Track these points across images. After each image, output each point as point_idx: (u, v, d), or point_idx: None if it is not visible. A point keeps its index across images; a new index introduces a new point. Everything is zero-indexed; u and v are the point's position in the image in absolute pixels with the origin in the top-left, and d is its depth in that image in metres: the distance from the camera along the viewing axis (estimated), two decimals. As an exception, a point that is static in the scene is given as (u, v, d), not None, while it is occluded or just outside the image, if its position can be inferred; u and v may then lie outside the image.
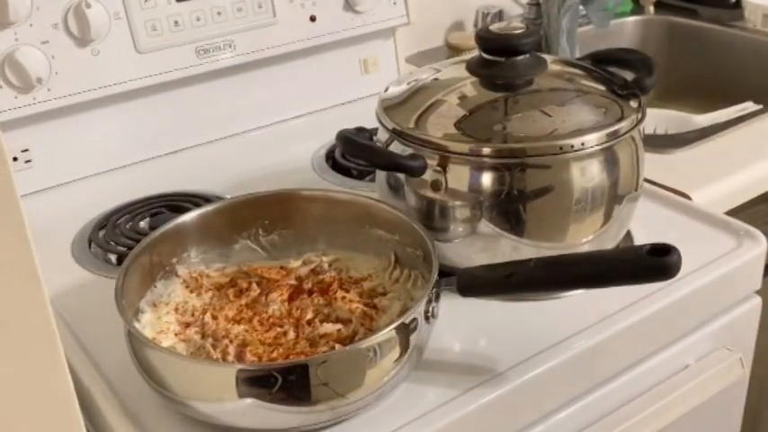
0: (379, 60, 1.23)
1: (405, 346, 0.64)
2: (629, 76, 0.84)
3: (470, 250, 0.77)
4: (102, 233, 0.92)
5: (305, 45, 1.13)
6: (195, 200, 0.96)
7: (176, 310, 0.73)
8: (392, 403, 0.66)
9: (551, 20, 1.30)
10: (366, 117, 0.86)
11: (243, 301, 0.74)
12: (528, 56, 0.80)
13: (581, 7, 1.32)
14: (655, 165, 0.92)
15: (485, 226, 0.75)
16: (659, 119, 1.17)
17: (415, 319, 0.65)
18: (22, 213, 0.40)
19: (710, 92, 1.48)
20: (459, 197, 0.75)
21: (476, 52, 0.83)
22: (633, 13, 1.61)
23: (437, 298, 0.67)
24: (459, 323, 0.74)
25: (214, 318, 0.72)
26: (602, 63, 0.86)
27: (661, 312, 0.77)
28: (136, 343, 0.65)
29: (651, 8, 1.61)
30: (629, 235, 0.85)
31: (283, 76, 1.16)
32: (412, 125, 0.77)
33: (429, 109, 0.79)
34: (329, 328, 0.69)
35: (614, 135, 0.75)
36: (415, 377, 0.68)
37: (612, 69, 0.85)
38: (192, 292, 0.76)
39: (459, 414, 0.66)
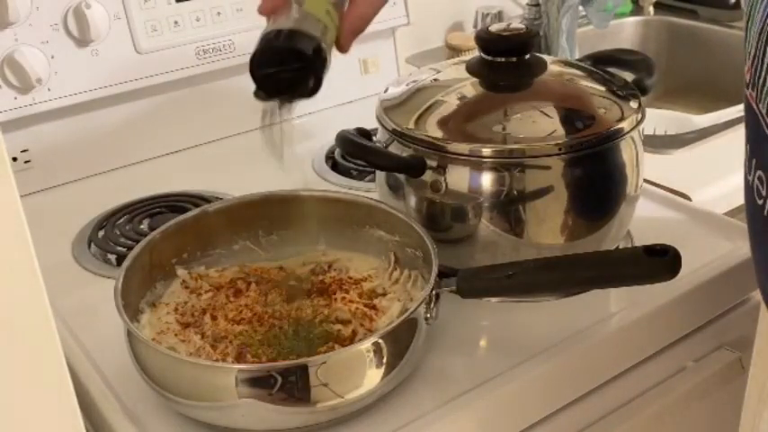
0: (378, 61, 1.23)
1: (404, 347, 0.64)
2: (628, 76, 0.84)
3: (470, 251, 0.77)
4: (102, 233, 0.92)
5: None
6: (195, 200, 0.96)
7: (176, 310, 0.73)
8: (392, 403, 0.66)
9: (551, 20, 1.30)
10: (366, 117, 0.86)
11: (242, 302, 0.74)
12: (528, 56, 0.80)
13: (580, 8, 1.32)
14: (655, 165, 0.92)
15: (485, 226, 0.75)
16: (659, 119, 1.17)
17: (414, 320, 0.65)
18: (21, 213, 0.40)
19: (710, 92, 1.48)
20: (459, 198, 0.75)
21: (475, 53, 0.83)
22: (632, 13, 1.61)
23: (437, 299, 0.67)
24: (459, 324, 0.74)
25: (214, 318, 0.72)
26: (601, 64, 0.86)
27: (661, 312, 0.77)
28: (136, 343, 0.65)
29: (650, 9, 1.61)
30: (629, 235, 0.85)
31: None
32: (412, 126, 0.77)
33: (429, 110, 0.79)
34: (329, 328, 0.69)
35: (614, 136, 0.75)
36: (415, 377, 0.68)
37: (612, 70, 0.85)
38: (191, 292, 0.76)
39: (459, 414, 0.66)
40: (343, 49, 0.73)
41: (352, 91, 1.21)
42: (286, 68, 0.66)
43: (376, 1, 0.73)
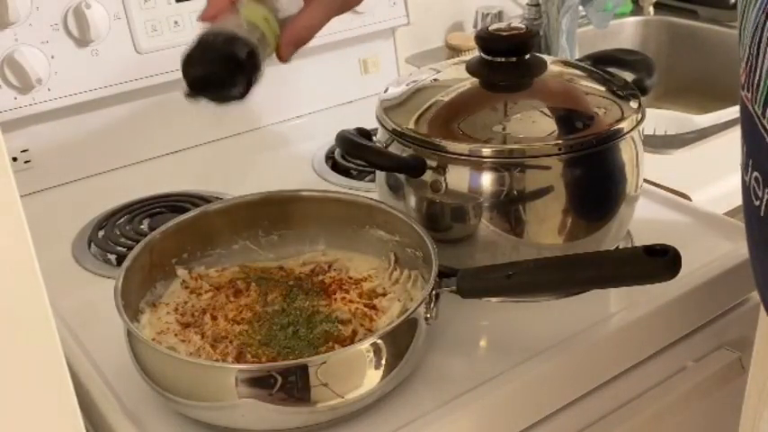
0: (378, 61, 1.23)
1: (404, 347, 0.64)
2: (628, 76, 0.84)
3: (470, 251, 0.77)
4: (102, 233, 0.92)
5: (305, 45, 1.13)
6: (195, 200, 0.96)
7: (176, 310, 0.73)
8: (392, 403, 0.66)
9: (551, 20, 1.30)
10: (366, 117, 0.86)
11: (242, 302, 0.74)
12: (528, 56, 0.80)
13: (580, 8, 1.32)
14: (655, 165, 0.92)
15: (485, 226, 0.75)
16: (659, 119, 1.17)
17: (414, 320, 0.65)
18: (21, 213, 0.40)
19: (710, 92, 1.49)
20: (459, 198, 0.75)
21: (475, 53, 0.83)
22: (632, 13, 1.61)
23: (437, 298, 0.67)
24: (459, 324, 0.74)
25: (214, 318, 0.72)
26: (601, 64, 0.86)
27: (661, 312, 0.77)
28: (136, 343, 0.65)
29: (650, 9, 1.61)
30: (629, 235, 0.85)
31: (283, 76, 1.15)
32: (412, 126, 0.77)
33: (429, 109, 0.79)
34: (329, 328, 0.69)
35: (614, 136, 0.75)
36: (415, 377, 0.68)
37: (612, 70, 0.85)
38: (191, 292, 0.76)
39: (459, 415, 0.66)
40: (282, 58, 0.72)
41: (352, 91, 1.21)
42: (217, 71, 0.67)
43: (324, 13, 0.72)
